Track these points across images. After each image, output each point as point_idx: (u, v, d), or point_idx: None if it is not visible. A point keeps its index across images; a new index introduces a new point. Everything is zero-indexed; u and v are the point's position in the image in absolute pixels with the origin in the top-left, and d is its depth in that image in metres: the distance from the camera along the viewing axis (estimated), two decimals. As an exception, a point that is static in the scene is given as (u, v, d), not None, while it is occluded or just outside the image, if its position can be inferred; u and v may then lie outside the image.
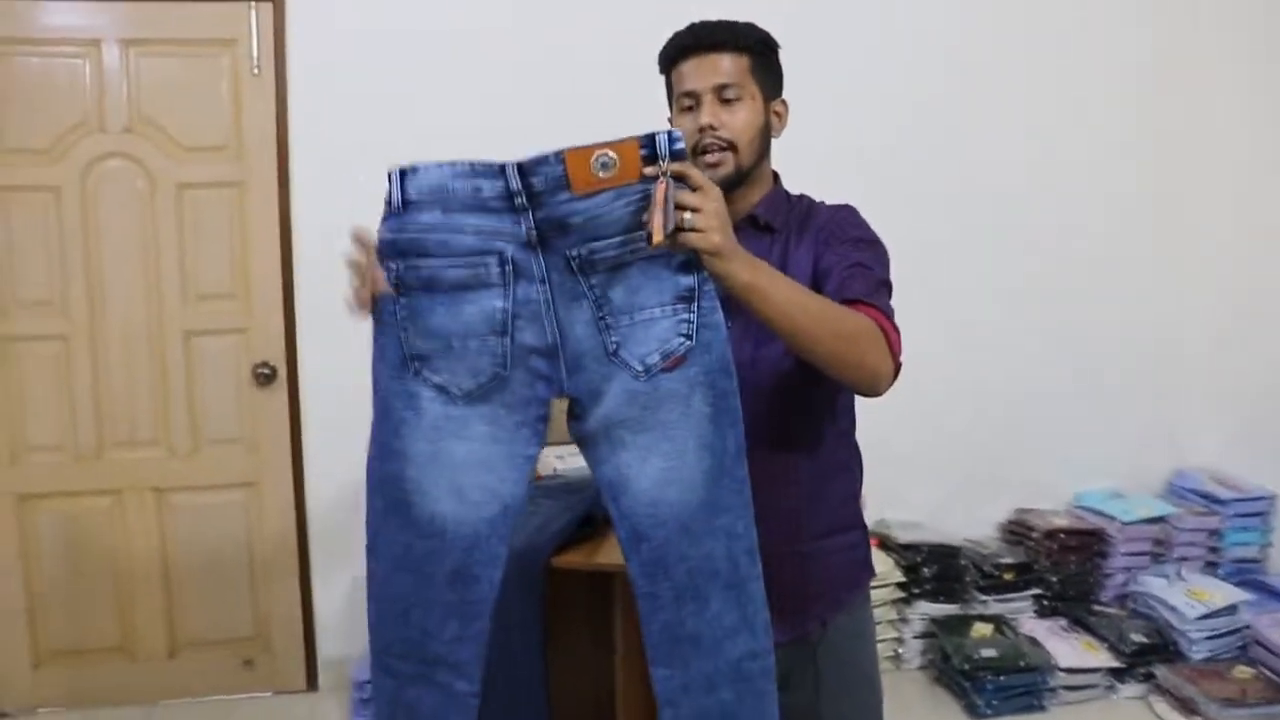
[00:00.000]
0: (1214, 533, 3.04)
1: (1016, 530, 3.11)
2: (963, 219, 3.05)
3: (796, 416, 1.47)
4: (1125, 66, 3.10)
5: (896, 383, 1.33)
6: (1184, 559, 3.01)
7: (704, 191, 1.14)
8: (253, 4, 2.66)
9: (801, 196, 1.56)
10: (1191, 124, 3.15)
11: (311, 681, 2.89)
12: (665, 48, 1.50)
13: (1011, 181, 3.07)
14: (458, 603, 1.19)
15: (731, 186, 1.44)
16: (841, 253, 1.42)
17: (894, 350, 1.33)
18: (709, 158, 1.44)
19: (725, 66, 1.44)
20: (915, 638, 2.90)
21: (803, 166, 1.63)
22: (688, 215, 1.12)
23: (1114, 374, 3.17)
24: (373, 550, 1.23)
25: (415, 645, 1.20)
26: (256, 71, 2.69)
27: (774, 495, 1.41)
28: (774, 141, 1.52)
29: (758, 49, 1.47)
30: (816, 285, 1.39)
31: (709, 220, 1.13)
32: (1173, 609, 2.81)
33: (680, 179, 1.13)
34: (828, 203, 1.55)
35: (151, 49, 2.65)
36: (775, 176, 1.55)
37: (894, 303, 1.42)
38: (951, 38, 3.01)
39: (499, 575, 1.19)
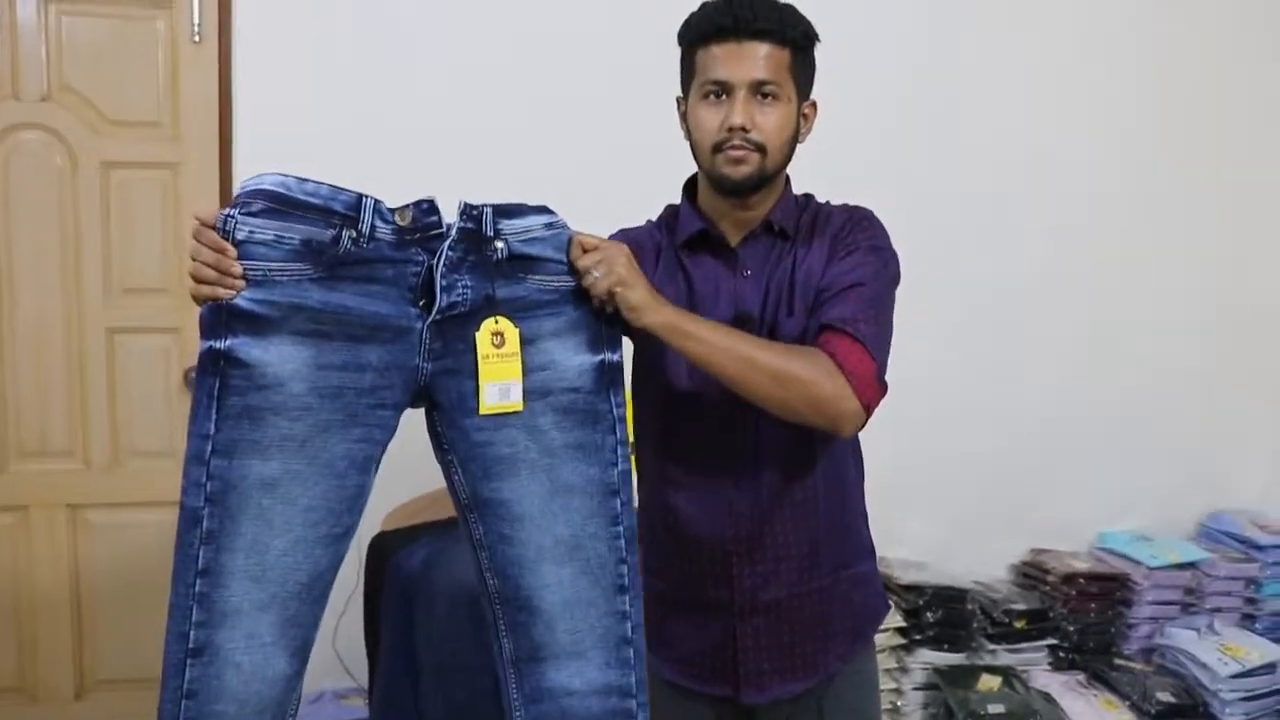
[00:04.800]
0: (1251, 582, 2.86)
1: (1031, 573, 2.93)
2: (975, 224, 2.85)
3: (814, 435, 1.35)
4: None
5: (903, 402, 1.32)
6: (1217, 610, 2.83)
7: (596, 250, 1.22)
8: (194, -38, 2.43)
9: (808, 197, 1.43)
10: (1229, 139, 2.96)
11: (239, 726, 2.62)
12: (695, 21, 1.30)
13: (1039, 187, 2.87)
14: None
15: (753, 188, 1.35)
16: (844, 268, 1.34)
17: (857, 384, 1.23)
18: (733, 153, 1.28)
19: (767, 60, 1.27)
20: (916, 689, 2.69)
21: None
22: (594, 272, 1.20)
23: (1144, 403, 2.98)
24: None
25: None
26: (197, 39, 2.46)
27: (793, 526, 1.39)
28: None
29: (801, 43, 1.31)
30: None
31: (606, 266, 1.20)
32: (1204, 666, 2.62)
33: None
34: (836, 203, 1.43)
35: (75, 8, 2.42)
36: (786, 179, 1.42)
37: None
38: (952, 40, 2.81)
39: None
